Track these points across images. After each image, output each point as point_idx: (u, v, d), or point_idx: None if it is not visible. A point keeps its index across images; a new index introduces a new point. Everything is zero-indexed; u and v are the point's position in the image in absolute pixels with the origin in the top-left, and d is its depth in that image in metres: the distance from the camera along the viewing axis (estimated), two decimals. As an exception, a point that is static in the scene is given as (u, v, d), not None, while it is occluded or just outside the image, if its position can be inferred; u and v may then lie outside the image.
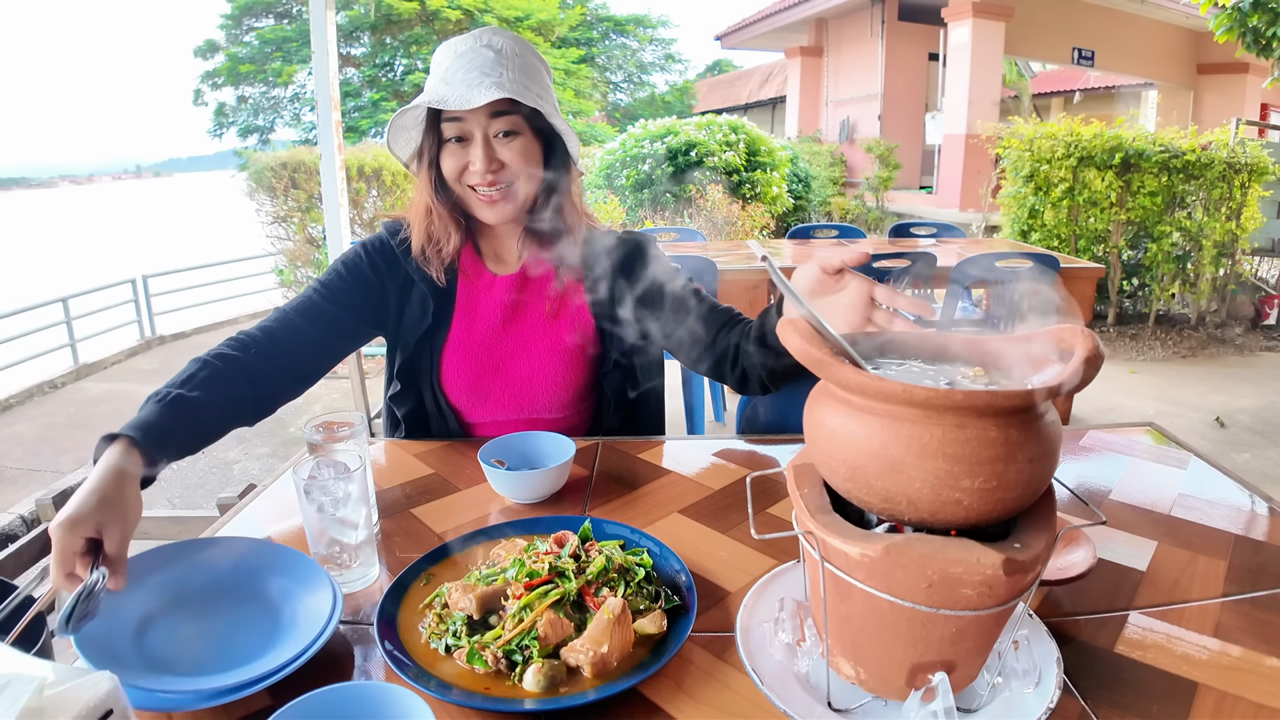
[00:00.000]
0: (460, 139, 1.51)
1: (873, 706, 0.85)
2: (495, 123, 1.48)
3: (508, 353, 1.65)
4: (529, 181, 1.55)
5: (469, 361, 1.65)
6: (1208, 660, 0.94)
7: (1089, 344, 0.76)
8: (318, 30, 5.19)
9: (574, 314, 1.67)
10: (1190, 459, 1.53)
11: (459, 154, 1.51)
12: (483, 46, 1.49)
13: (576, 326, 1.67)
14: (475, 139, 1.49)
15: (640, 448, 1.62)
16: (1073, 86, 16.79)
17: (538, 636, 0.91)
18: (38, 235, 35.09)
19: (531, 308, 1.67)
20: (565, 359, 1.66)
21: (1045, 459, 0.74)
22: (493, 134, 1.49)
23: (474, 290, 1.66)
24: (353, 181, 7.52)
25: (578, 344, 1.66)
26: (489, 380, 1.65)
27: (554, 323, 1.67)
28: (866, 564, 0.74)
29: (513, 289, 1.66)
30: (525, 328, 1.66)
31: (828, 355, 0.77)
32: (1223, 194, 6.89)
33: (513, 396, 1.66)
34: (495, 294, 1.66)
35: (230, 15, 20.04)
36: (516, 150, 1.50)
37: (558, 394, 1.66)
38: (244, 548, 1.14)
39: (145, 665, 0.93)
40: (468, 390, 1.66)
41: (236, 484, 4.51)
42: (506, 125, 1.49)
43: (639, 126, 9.99)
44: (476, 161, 1.48)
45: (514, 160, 1.51)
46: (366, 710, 0.79)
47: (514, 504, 1.38)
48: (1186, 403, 5.43)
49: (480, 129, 1.48)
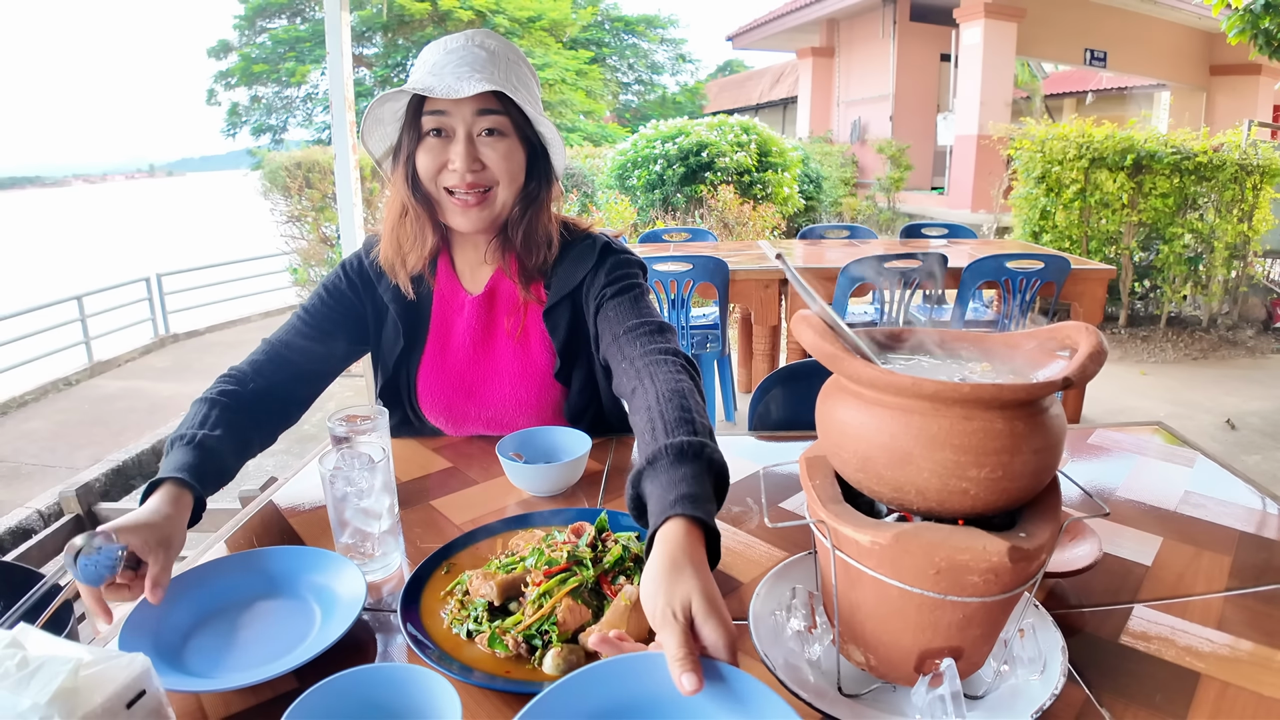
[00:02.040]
0: (440, 132, 1.41)
1: (882, 691, 0.88)
2: (480, 120, 1.40)
3: (481, 376, 1.60)
4: (508, 188, 1.45)
5: (443, 386, 1.61)
6: (1210, 652, 0.96)
7: (1093, 340, 0.78)
8: (333, 31, 5.23)
9: (542, 335, 1.59)
10: (1197, 458, 1.55)
11: (438, 150, 1.41)
12: (475, 46, 1.42)
13: (545, 345, 1.59)
14: (457, 135, 1.40)
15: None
16: (1085, 87, 16.71)
17: (557, 622, 0.94)
18: (52, 234, 35.29)
19: (499, 329, 1.60)
20: (537, 380, 1.59)
21: (1050, 450, 0.77)
22: (476, 132, 1.41)
23: (448, 310, 1.61)
24: (366, 181, 7.55)
25: (549, 364, 1.59)
26: (464, 403, 1.62)
27: (524, 345, 1.60)
28: (876, 551, 0.76)
29: (481, 309, 1.59)
30: (494, 350, 1.61)
31: (841, 351, 0.80)
32: (1235, 196, 6.87)
33: (490, 420, 1.62)
34: (466, 315, 1.60)
35: (244, 15, 20.15)
36: (500, 152, 1.42)
37: (533, 417, 1.60)
38: (271, 556, 1.17)
39: (182, 663, 0.97)
40: (444, 413, 1.63)
41: (251, 478, 4.54)
42: (492, 124, 1.40)
43: (650, 127, 10.00)
44: (456, 160, 1.39)
45: (496, 162, 1.42)
46: (392, 690, 0.82)
47: (531, 497, 1.41)
48: (1197, 405, 5.42)
49: (464, 125, 1.39)
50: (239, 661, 0.97)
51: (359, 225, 5.66)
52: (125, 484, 4.97)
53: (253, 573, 1.13)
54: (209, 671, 0.95)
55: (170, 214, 43.74)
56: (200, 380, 6.86)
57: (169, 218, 40.35)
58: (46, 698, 0.70)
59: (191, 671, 0.95)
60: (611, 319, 1.45)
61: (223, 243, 15.81)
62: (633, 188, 9.45)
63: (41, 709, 0.70)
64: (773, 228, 8.70)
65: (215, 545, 1.27)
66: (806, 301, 0.83)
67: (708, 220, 8.64)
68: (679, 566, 0.84)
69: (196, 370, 7.83)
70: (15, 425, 6.27)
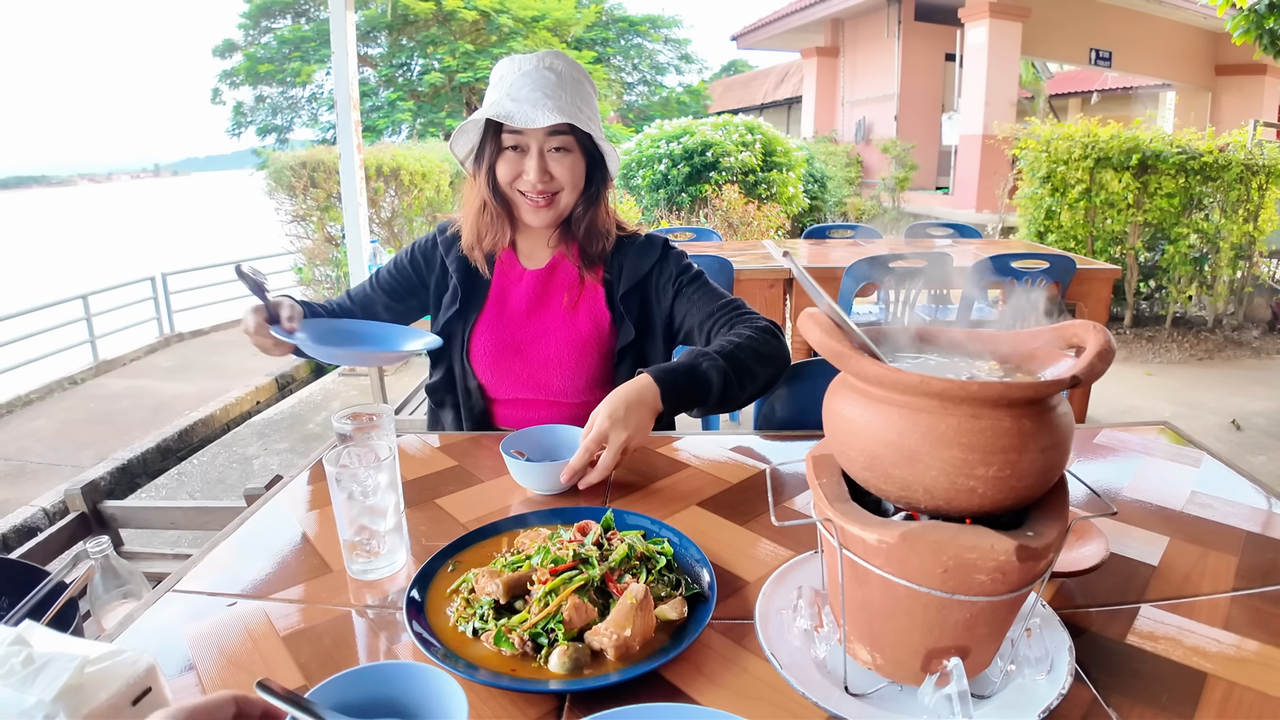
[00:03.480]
0: (517, 148, 1.70)
1: (888, 691, 0.87)
2: (551, 140, 1.68)
3: (529, 337, 1.82)
4: (572, 192, 1.75)
5: (493, 342, 1.82)
6: (1217, 652, 0.95)
7: (1101, 339, 0.78)
8: (337, 31, 5.24)
9: (592, 308, 1.83)
10: (1203, 457, 1.54)
11: (515, 162, 1.70)
12: (545, 69, 1.68)
13: (593, 319, 1.82)
14: (531, 151, 1.68)
15: (658, 442, 1.64)
16: (1090, 87, 16.70)
17: (563, 620, 0.94)
18: (57, 233, 35.38)
19: (554, 300, 1.84)
20: (580, 347, 1.81)
21: (1057, 448, 0.76)
22: (547, 149, 1.69)
23: (506, 281, 1.86)
24: (370, 181, 7.56)
25: (593, 335, 1.81)
26: (510, 360, 1.82)
27: (573, 314, 1.83)
28: (884, 550, 0.76)
29: (539, 282, 1.84)
30: (546, 317, 1.83)
31: (848, 349, 0.80)
32: (1240, 196, 6.85)
33: (530, 377, 1.82)
34: (523, 285, 1.85)
35: (248, 15, 20.14)
36: (566, 165, 1.71)
37: (572, 379, 1.81)
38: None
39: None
40: (491, 367, 1.83)
41: (256, 477, 4.55)
42: (560, 143, 1.69)
43: (655, 127, 10.00)
44: (530, 172, 1.68)
45: (563, 174, 1.71)
46: (398, 688, 0.82)
47: (536, 495, 1.41)
48: (1202, 405, 5.41)
49: (537, 143, 1.68)
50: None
51: (364, 224, 5.68)
52: (130, 482, 4.99)
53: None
54: None
55: (175, 213, 43.86)
56: (205, 380, 6.89)
57: (174, 217, 40.47)
58: (52, 695, 0.70)
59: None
60: (697, 301, 1.78)
61: (227, 242, 15.84)
62: (637, 187, 9.45)
63: (46, 706, 0.70)
64: (777, 227, 8.69)
65: (220, 543, 1.28)
66: (814, 299, 0.83)
67: (712, 220, 8.65)
68: (635, 402, 1.40)
69: (201, 369, 7.85)
70: (20, 424, 6.29)
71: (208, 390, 6.79)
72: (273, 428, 5.55)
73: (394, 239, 7.88)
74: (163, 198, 65.74)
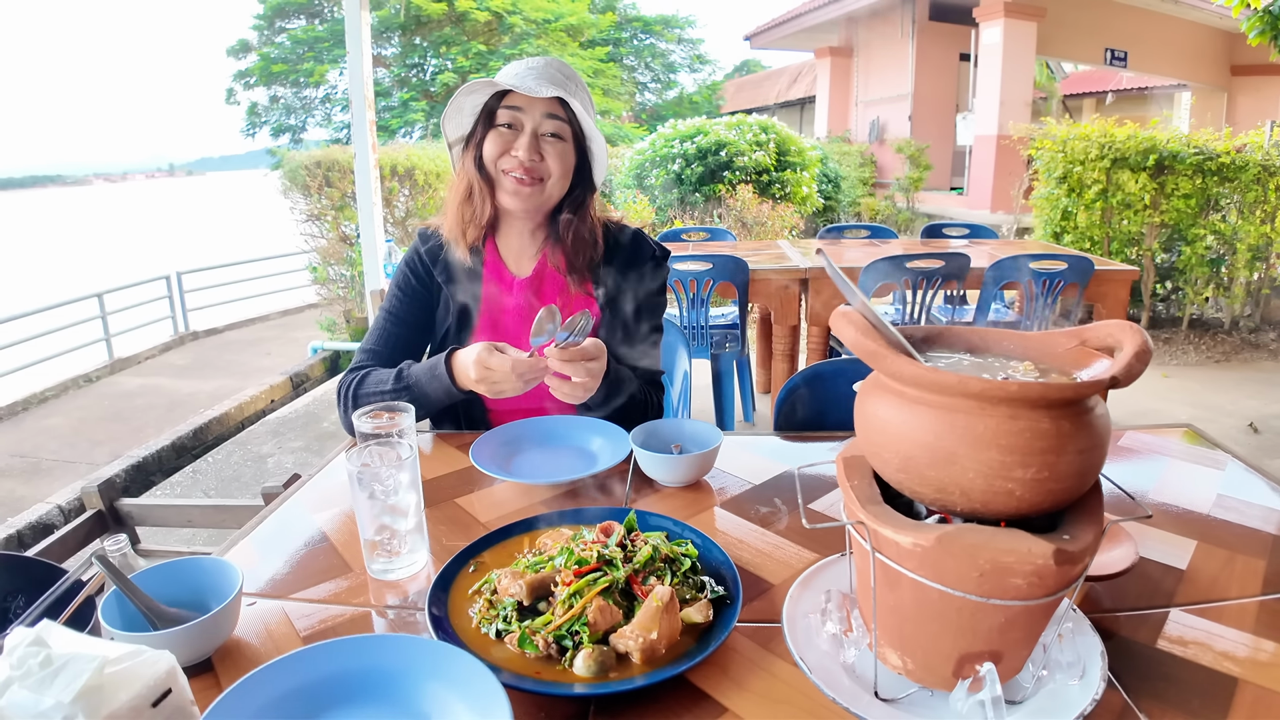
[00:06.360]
0: (510, 126, 1.68)
1: (919, 696, 0.86)
2: (547, 122, 1.67)
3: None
4: (558, 182, 1.72)
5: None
6: (1247, 656, 0.94)
7: (1138, 339, 0.77)
8: (352, 31, 5.25)
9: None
10: (1228, 460, 1.53)
11: (505, 138, 1.68)
12: (553, 68, 1.70)
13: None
14: (525, 129, 1.67)
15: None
16: (1105, 88, 16.60)
17: (588, 623, 0.93)
18: (73, 232, 35.62)
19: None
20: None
21: (1095, 450, 0.75)
22: (542, 131, 1.67)
23: (497, 290, 1.83)
24: (385, 180, 7.58)
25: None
26: None
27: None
28: (918, 554, 0.75)
29: (529, 291, 1.82)
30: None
31: (883, 348, 0.78)
32: (1258, 197, 6.79)
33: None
34: (515, 295, 1.82)
35: (263, 15, 20.25)
36: (556, 151, 1.69)
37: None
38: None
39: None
40: None
41: (271, 476, 4.56)
42: (555, 127, 1.68)
43: (669, 126, 9.97)
44: (520, 149, 1.66)
45: (552, 157, 1.69)
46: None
47: (556, 495, 1.40)
48: (1220, 408, 5.36)
49: (532, 122, 1.66)
50: None
51: (378, 223, 5.68)
52: (145, 480, 5.01)
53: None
54: None
55: (190, 213, 44.08)
56: (220, 378, 6.91)
57: (189, 217, 40.67)
58: (71, 696, 0.70)
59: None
60: (633, 324, 1.80)
61: (242, 241, 15.92)
62: (651, 187, 9.43)
63: (65, 707, 0.69)
64: (791, 227, 8.66)
65: (239, 542, 1.27)
66: (847, 297, 0.82)
67: (726, 220, 8.62)
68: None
69: (216, 367, 7.88)
70: (36, 421, 6.33)
71: (222, 388, 6.82)
72: (287, 426, 5.57)
73: (408, 238, 7.89)
74: (178, 197, 66.11)
